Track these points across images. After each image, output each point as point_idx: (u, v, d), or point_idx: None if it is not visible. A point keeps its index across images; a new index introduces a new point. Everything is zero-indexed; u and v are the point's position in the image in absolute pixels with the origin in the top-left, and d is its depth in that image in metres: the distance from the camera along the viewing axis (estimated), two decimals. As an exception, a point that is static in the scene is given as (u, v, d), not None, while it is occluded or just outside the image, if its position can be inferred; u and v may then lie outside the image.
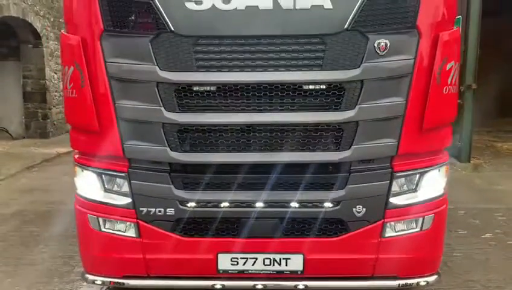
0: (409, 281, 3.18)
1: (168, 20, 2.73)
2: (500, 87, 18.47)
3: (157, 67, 2.80)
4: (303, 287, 3.10)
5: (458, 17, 8.91)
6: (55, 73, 13.54)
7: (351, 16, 2.72)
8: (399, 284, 3.16)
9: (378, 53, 2.80)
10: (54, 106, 13.39)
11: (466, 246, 4.60)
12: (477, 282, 3.81)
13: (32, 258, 4.29)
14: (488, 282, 3.81)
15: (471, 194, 6.76)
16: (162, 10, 2.73)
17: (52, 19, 13.31)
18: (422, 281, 3.20)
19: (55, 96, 13.58)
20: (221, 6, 2.71)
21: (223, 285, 3.13)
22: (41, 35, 12.51)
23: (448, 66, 2.92)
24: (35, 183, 7.48)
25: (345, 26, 2.74)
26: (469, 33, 8.56)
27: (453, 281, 3.82)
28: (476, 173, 8.24)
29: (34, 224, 5.31)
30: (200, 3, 2.72)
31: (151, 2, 2.73)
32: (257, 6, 2.71)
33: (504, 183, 7.35)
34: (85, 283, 3.62)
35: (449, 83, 2.94)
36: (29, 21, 11.82)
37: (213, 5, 2.71)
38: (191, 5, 2.72)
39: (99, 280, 3.25)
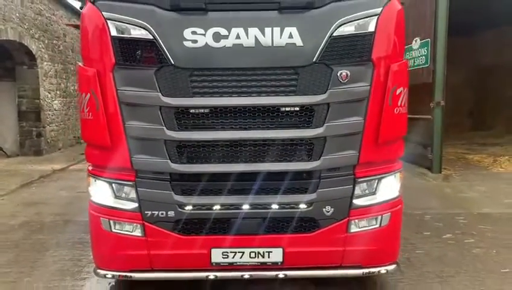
0: (372, 270, 3.77)
1: (169, 56, 3.33)
2: (474, 103, 19.49)
3: (160, 94, 3.39)
4: (283, 275, 3.68)
5: (427, 40, 9.79)
6: (48, 92, 14.06)
7: (318, 52, 3.36)
8: (363, 272, 3.76)
9: (340, 81, 3.43)
10: (47, 125, 13.87)
11: (428, 245, 5.22)
12: (433, 273, 4.43)
13: (44, 261, 4.79)
14: (442, 273, 4.42)
15: (439, 201, 7.42)
16: (164, 48, 3.33)
17: (46, 41, 13.88)
18: (382, 269, 3.80)
19: (49, 115, 14.07)
20: (213, 44, 3.32)
21: (215, 276, 3.68)
22: (36, 57, 13.05)
23: (398, 91, 3.56)
24: (36, 198, 7.95)
25: (314, 60, 3.37)
26: (437, 55, 9.38)
27: (412, 272, 4.44)
28: (446, 182, 8.92)
29: (41, 233, 5.81)
30: (196, 42, 3.33)
31: (155, 41, 3.34)
32: (242, 44, 3.33)
33: (469, 191, 8.06)
34: (95, 279, 4.18)
35: (399, 104, 3.59)
36: (26, 44, 12.36)
37: (206, 43, 3.32)
38: (188, 44, 3.33)
39: (109, 273, 3.78)
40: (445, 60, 9.39)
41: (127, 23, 3.37)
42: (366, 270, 3.77)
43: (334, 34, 3.37)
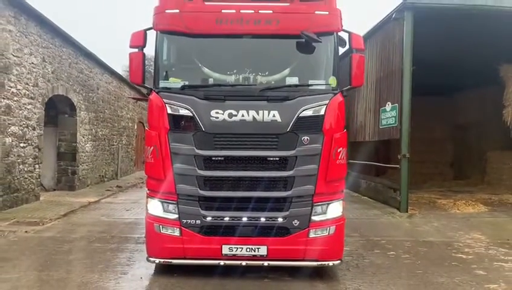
0: (323, 263, 5.90)
1: (201, 125, 5.65)
2: (455, 155, 21.69)
3: (195, 147, 5.68)
4: (267, 264, 5.82)
5: (395, 104, 12.19)
6: (83, 137, 16.50)
7: (290, 125, 5.66)
8: (317, 264, 5.91)
9: (303, 143, 5.71)
10: (80, 164, 16.23)
11: (374, 258, 7.27)
12: (370, 272, 6.46)
13: (106, 258, 6.92)
14: (377, 272, 6.46)
15: (397, 232, 9.51)
16: (199, 121, 5.65)
17: (84, 94, 16.48)
18: (331, 263, 5.92)
19: (82, 156, 16.44)
20: (228, 119, 5.64)
21: (224, 263, 5.82)
22: (76, 107, 15.61)
23: (339, 150, 5.82)
24: (83, 221, 10.13)
25: (287, 130, 5.67)
26: (403, 116, 11.67)
27: (356, 271, 6.49)
28: (408, 219, 10.99)
29: (97, 243, 7.95)
30: (217, 117, 5.64)
31: (193, 116, 5.67)
32: (245, 120, 5.64)
33: (424, 226, 10.13)
34: (145, 267, 6.33)
35: (339, 158, 5.84)
36: (69, 97, 14.96)
37: (224, 119, 5.64)
38: (213, 118, 5.65)
39: (157, 260, 5.95)
40: (410, 120, 11.66)
41: (177, 106, 5.72)
42: (319, 263, 5.90)
43: (300, 115, 5.69)
